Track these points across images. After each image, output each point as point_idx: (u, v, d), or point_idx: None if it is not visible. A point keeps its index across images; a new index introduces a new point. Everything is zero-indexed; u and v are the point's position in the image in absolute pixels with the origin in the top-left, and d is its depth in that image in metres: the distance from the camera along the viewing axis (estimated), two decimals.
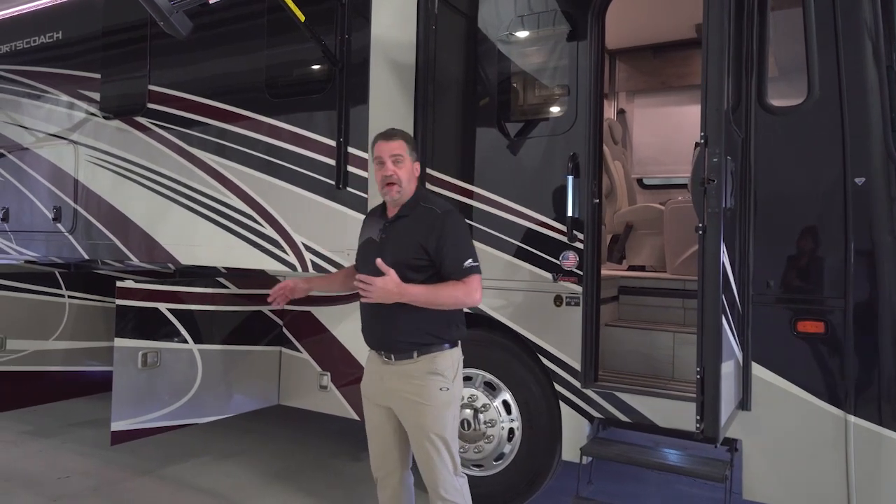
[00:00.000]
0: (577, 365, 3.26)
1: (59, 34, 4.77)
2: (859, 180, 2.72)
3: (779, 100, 2.95)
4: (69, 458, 4.25)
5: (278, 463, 4.26)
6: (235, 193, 3.84)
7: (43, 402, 4.87)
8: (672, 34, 5.32)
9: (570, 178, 3.27)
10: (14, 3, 5.01)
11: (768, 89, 2.94)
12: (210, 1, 2.77)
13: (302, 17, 3.19)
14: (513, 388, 3.44)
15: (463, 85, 3.65)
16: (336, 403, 4.01)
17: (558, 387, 3.35)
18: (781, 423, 2.85)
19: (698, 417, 2.39)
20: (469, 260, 2.41)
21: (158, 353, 3.60)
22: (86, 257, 4.57)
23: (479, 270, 2.42)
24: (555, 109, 3.57)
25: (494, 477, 3.44)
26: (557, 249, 3.31)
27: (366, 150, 3.39)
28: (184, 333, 3.74)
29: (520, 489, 3.40)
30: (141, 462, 4.17)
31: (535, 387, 3.40)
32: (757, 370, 2.90)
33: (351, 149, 3.43)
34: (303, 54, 3.67)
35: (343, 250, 3.43)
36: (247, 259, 3.79)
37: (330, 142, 3.49)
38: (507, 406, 3.45)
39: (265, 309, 4.18)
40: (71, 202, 4.61)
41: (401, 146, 2.47)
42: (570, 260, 3.28)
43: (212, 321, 3.92)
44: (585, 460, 3.21)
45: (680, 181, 5.74)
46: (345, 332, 4.01)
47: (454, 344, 2.51)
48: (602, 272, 3.39)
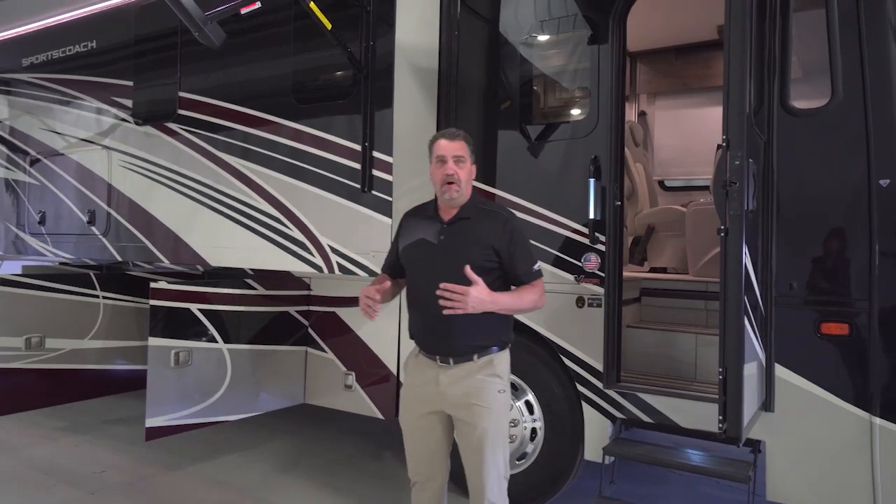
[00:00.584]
0: (600, 366, 3.30)
1: (93, 43, 4.93)
2: (884, 182, 2.71)
3: (801, 102, 2.95)
4: (103, 454, 4.39)
5: (305, 460, 4.35)
6: (263, 197, 3.93)
7: (78, 400, 5.03)
8: (694, 36, 5.32)
9: (592, 181, 3.30)
10: (51, 14, 5.18)
11: (791, 91, 2.94)
12: (242, 11, 2.85)
13: (329, 25, 3.27)
14: (535, 389, 3.48)
15: (485, 89, 3.71)
16: (360, 402, 4.09)
17: (580, 387, 3.38)
18: (805, 425, 2.85)
19: (721, 418, 2.41)
20: (537, 264, 2.47)
21: (190, 353, 3.71)
22: (119, 259, 4.72)
23: (541, 273, 2.49)
24: (576, 113, 3.61)
25: (517, 476, 3.47)
26: (579, 251, 3.34)
27: (390, 155, 3.46)
28: (214, 333, 3.85)
29: (542, 488, 3.44)
30: (172, 458, 4.29)
31: (558, 388, 3.44)
32: (780, 372, 2.90)
33: (376, 153, 3.51)
34: (329, 60, 3.75)
35: (368, 252, 3.50)
36: (274, 261, 3.88)
37: (355, 146, 3.57)
38: (530, 406, 3.49)
39: (291, 310, 4.28)
40: (104, 206, 4.76)
41: (462, 147, 2.47)
42: (592, 262, 3.32)
43: (240, 321, 4.03)
44: (608, 460, 3.24)
45: (701, 183, 5.72)
46: (369, 333, 4.08)
47: (508, 346, 2.54)
48: (624, 274, 3.41)
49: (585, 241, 3.32)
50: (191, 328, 3.74)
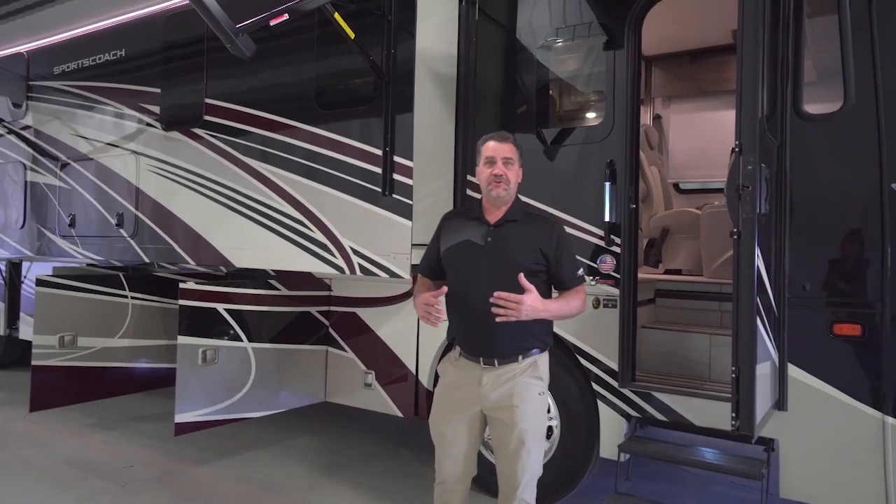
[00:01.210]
0: (615, 365, 3.37)
1: (122, 52, 5.09)
2: None
3: (814, 106, 3.00)
4: (132, 449, 4.53)
5: (327, 457, 4.46)
6: (286, 200, 4.05)
7: (107, 396, 5.19)
8: (709, 40, 5.36)
9: (608, 185, 3.38)
10: (81, 24, 5.35)
11: (804, 96, 3.00)
12: (271, 23, 2.97)
13: (352, 35, 3.37)
14: (552, 388, 3.54)
15: (502, 94, 3.79)
16: (380, 401, 4.19)
17: (596, 386, 3.45)
18: (818, 424, 2.90)
19: (734, 415, 2.47)
20: (581, 269, 2.55)
21: (217, 351, 3.84)
22: (146, 260, 4.86)
23: (585, 279, 2.57)
24: (592, 117, 3.68)
25: None
26: (595, 253, 3.42)
27: (410, 159, 3.56)
28: (239, 332, 3.98)
29: (558, 485, 3.51)
30: (198, 454, 4.42)
31: (574, 387, 3.52)
32: (793, 371, 2.96)
33: (396, 157, 3.60)
34: (351, 67, 3.86)
35: (389, 254, 3.60)
36: (297, 262, 3.99)
37: (376, 151, 3.67)
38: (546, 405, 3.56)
39: (313, 310, 4.40)
40: (132, 209, 4.91)
41: (512, 150, 2.52)
42: (608, 263, 3.39)
43: (264, 321, 4.15)
44: (623, 457, 3.31)
45: (716, 185, 5.76)
46: (388, 333, 4.18)
47: (548, 348, 2.60)
48: (639, 275, 3.48)
49: (601, 244, 3.40)
50: (217, 327, 3.87)
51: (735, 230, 2.49)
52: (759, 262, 2.53)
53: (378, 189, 3.64)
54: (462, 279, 2.51)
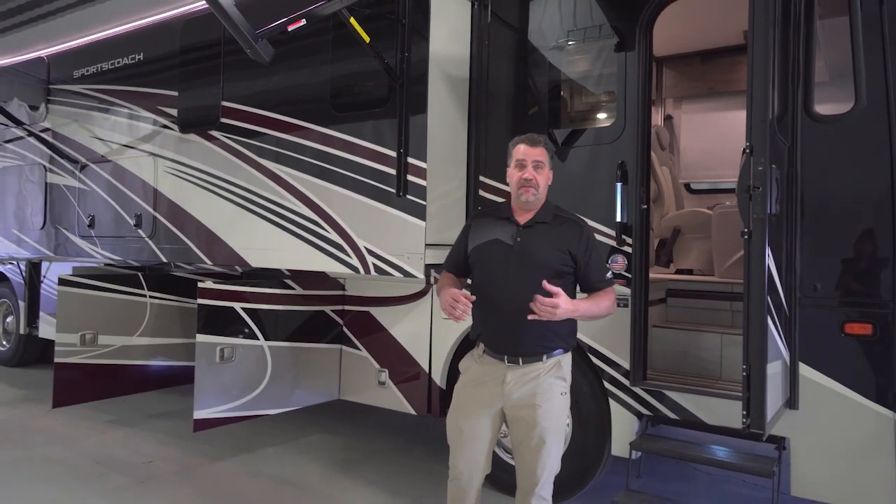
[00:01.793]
0: (626, 364, 3.40)
1: (140, 55, 5.18)
2: None
3: (825, 107, 3.02)
4: (150, 446, 4.62)
5: (340, 454, 4.52)
6: (301, 200, 4.12)
7: (126, 394, 5.29)
8: (720, 41, 5.37)
9: (619, 185, 3.41)
10: (100, 29, 5.45)
11: (815, 97, 3.02)
12: (289, 29, 3.03)
13: (367, 39, 3.43)
14: None
15: (514, 96, 3.84)
16: (394, 399, 4.25)
17: (607, 385, 3.49)
18: (829, 423, 2.92)
19: (744, 413, 2.50)
20: (609, 272, 2.58)
21: (234, 349, 3.91)
22: (164, 260, 4.95)
23: (615, 281, 2.58)
24: (603, 119, 3.72)
25: None
26: (607, 253, 3.45)
27: (424, 161, 3.61)
28: (255, 331, 4.05)
29: (570, 483, 3.54)
30: (214, 450, 4.50)
31: (585, 385, 3.55)
32: (804, 370, 2.98)
33: (410, 159, 3.66)
34: (365, 70, 3.92)
35: (403, 254, 3.65)
36: (312, 262, 4.05)
37: (390, 152, 3.73)
38: None
39: (327, 309, 4.47)
40: (151, 210, 5.00)
41: (542, 153, 2.54)
42: (619, 263, 3.42)
43: (280, 320, 4.22)
44: (635, 455, 3.35)
45: (727, 186, 5.76)
46: (402, 332, 4.24)
47: (572, 348, 2.63)
48: (650, 275, 3.51)
49: (612, 244, 3.43)
50: (235, 326, 3.95)
51: (746, 230, 2.52)
52: (770, 262, 2.56)
53: (392, 190, 3.70)
54: (489, 278, 2.54)
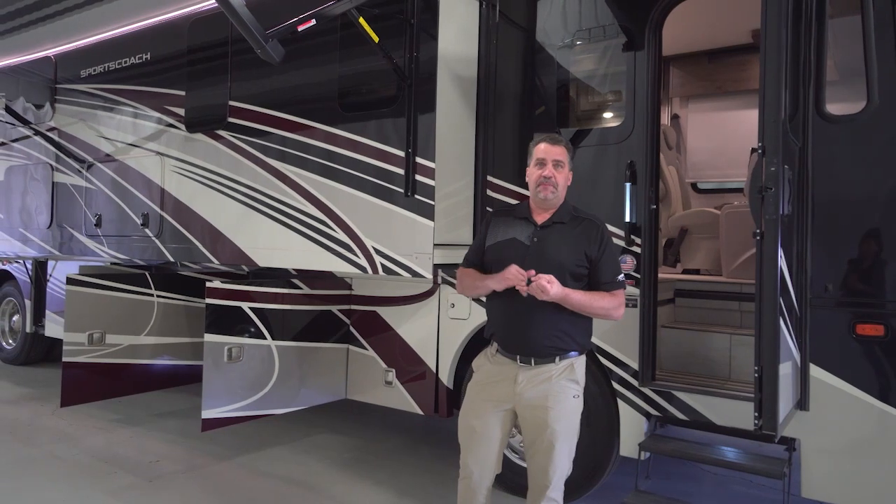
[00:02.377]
0: (635, 364, 3.39)
1: (148, 55, 5.18)
2: None
3: (837, 107, 3.01)
4: (157, 445, 4.62)
5: (347, 453, 4.53)
6: (309, 200, 4.12)
7: (133, 393, 5.30)
8: (728, 40, 5.36)
9: (628, 185, 3.40)
10: (108, 28, 5.46)
11: (826, 97, 3.00)
12: (299, 29, 3.03)
13: (376, 39, 3.43)
14: None
15: (522, 95, 3.83)
16: (401, 398, 4.24)
17: (616, 385, 3.48)
18: (840, 424, 2.91)
19: (756, 414, 2.49)
20: (621, 275, 2.55)
21: (242, 348, 3.91)
22: (171, 259, 4.96)
23: (625, 285, 2.55)
24: (612, 119, 3.70)
25: None
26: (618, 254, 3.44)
27: (432, 161, 3.61)
28: (263, 330, 4.06)
29: (578, 483, 3.52)
30: (221, 450, 4.50)
31: (594, 385, 3.54)
32: (815, 371, 2.97)
33: (419, 158, 3.65)
34: (374, 70, 3.91)
35: (411, 254, 3.65)
36: (320, 262, 4.05)
37: (399, 152, 3.72)
38: None
39: (334, 308, 4.47)
40: (158, 209, 5.01)
41: (563, 153, 2.56)
42: (628, 263, 3.41)
43: (287, 319, 4.22)
44: (643, 456, 3.34)
45: (734, 185, 5.75)
46: (409, 332, 4.23)
47: (586, 351, 2.63)
48: (658, 275, 3.50)
49: (622, 244, 3.42)
50: (242, 325, 3.95)
51: (758, 231, 2.51)
52: (782, 263, 2.55)
53: (400, 190, 3.69)
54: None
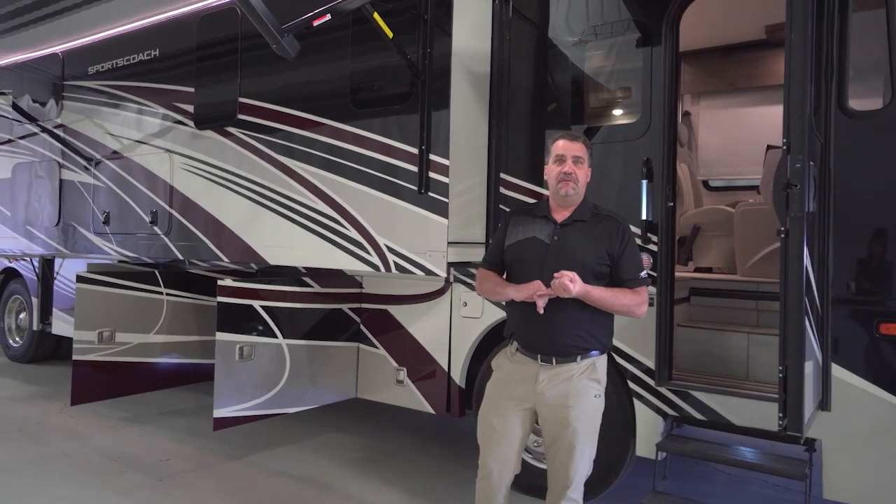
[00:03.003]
0: (651, 363, 3.35)
1: (156, 51, 5.15)
2: None
3: (859, 102, 2.96)
4: (166, 443, 4.60)
5: (356, 453, 4.50)
6: (321, 198, 4.08)
7: (143, 391, 5.27)
8: (741, 36, 5.30)
9: (645, 183, 3.36)
10: (116, 25, 5.42)
11: (849, 92, 2.96)
12: (314, 24, 2.99)
13: (391, 35, 3.39)
14: None
15: (535, 92, 3.79)
16: (412, 397, 4.21)
17: (632, 384, 3.44)
18: (863, 424, 2.87)
19: (781, 415, 2.45)
20: (644, 272, 2.52)
21: (253, 347, 3.88)
22: (180, 257, 4.93)
23: (648, 282, 2.52)
24: (628, 115, 3.66)
25: None
26: None
27: (446, 158, 3.57)
28: (274, 329, 4.03)
29: (594, 483, 3.47)
30: (230, 449, 4.48)
31: (609, 384, 3.46)
32: (837, 371, 2.93)
33: (432, 156, 3.61)
34: (386, 66, 3.87)
35: (425, 252, 3.61)
36: (332, 260, 4.02)
37: (412, 149, 3.68)
38: None
39: (344, 307, 4.43)
40: (166, 206, 4.98)
41: (582, 149, 2.53)
42: (645, 262, 3.34)
43: (298, 318, 4.19)
44: (660, 456, 3.30)
45: (746, 183, 5.71)
46: (420, 330, 4.20)
47: (608, 350, 2.61)
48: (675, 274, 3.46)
49: (638, 242, 3.37)
50: (254, 324, 3.92)
51: (782, 228, 2.47)
52: (806, 261, 2.51)
53: (414, 187, 3.66)
54: (526, 276, 2.52)
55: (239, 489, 3.81)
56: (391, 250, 3.76)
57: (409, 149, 3.69)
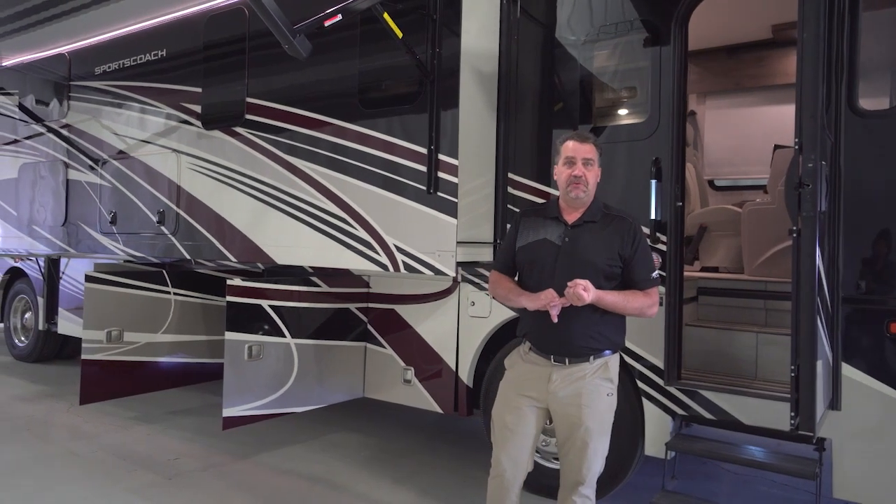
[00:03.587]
0: (660, 363, 3.36)
1: (163, 52, 5.16)
2: None
3: (870, 101, 2.96)
4: (174, 442, 4.61)
5: (364, 452, 4.50)
6: (329, 198, 4.09)
7: (151, 390, 5.29)
8: (747, 35, 5.30)
9: (654, 182, 3.36)
10: (123, 25, 5.43)
11: (859, 92, 2.96)
12: (326, 24, 3.00)
13: (400, 34, 3.39)
14: None
15: (544, 91, 3.79)
16: (420, 397, 4.21)
17: (640, 384, 3.45)
18: (874, 424, 2.87)
19: (792, 414, 2.46)
20: (655, 272, 2.52)
21: (262, 346, 3.89)
22: (188, 257, 4.94)
23: (659, 283, 2.53)
24: (636, 115, 3.66)
25: None
26: None
27: (455, 157, 3.57)
28: (283, 328, 4.03)
29: (602, 481, 3.46)
30: (238, 448, 4.49)
31: (618, 384, 3.50)
32: (847, 370, 2.93)
33: (441, 156, 3.62)
34: (395, 66, 3.87)
35: (434, 251, 3.62)
36: (340, 259, 4.03)
37: (421, 149, 3.69)
38: None
39: (352, 306, 4.44)
40: (174, 206, 4.99)
41: (592, 151, 2.52)
42: (655, 261, 3.37)
43: (306, 317, 4.20)
44: (670, 455, 3.30)
45: (752, 182, 5.70)
46: (428, 329, 4.20)
47: (620, 349, 2.62)
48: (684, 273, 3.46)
49: (647, 242, 3.38)
50: (262, 323, 3.93)
51: (794, 228, 2.47)
52: (818, 261, 2.51)
53: (423, 187, 3.66)
54: (537, 277, 2.53)
55: (248, 488, 3.82)
56: (400, 250, 3.77)
57: (418, 148, 3.69)
